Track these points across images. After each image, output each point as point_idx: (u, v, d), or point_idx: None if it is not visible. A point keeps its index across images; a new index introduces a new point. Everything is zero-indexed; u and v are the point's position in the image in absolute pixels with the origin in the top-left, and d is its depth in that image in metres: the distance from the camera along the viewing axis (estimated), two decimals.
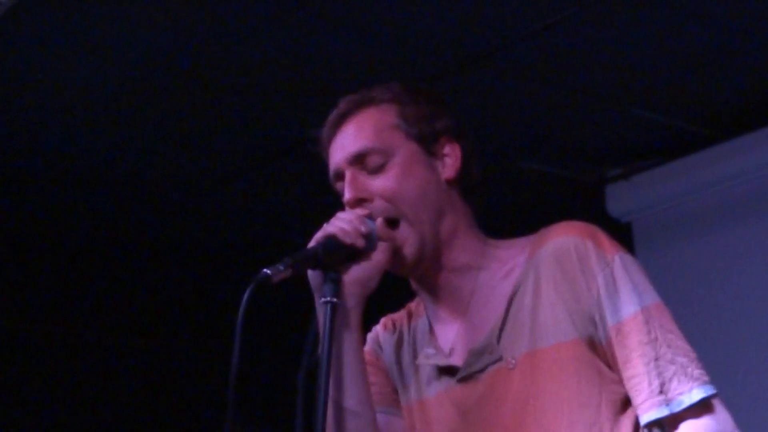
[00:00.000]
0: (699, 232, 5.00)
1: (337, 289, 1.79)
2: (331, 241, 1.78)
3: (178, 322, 6.25)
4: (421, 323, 2.06)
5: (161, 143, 4.95)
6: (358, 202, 1.90)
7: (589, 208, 5.11)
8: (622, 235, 4.96)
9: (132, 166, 5.17)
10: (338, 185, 1.95)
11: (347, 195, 1.90)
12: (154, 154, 5.12)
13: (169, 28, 3.96)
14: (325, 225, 1.83)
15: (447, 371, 1.92)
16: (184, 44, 4.07)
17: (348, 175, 1.91)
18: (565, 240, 1.86)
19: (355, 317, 1.85)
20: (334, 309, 1.76)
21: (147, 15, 3.84)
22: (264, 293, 1.65)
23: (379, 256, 1.84)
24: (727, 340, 4.76)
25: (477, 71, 4.24)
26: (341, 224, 1.82)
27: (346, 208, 1.92)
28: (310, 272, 1.79)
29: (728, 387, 4.82)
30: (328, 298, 1.77)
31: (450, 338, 1.97)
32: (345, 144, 1.95)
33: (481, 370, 1.88)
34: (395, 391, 2.04)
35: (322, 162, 2.12)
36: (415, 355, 2.03)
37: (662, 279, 4.86)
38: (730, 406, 3.70)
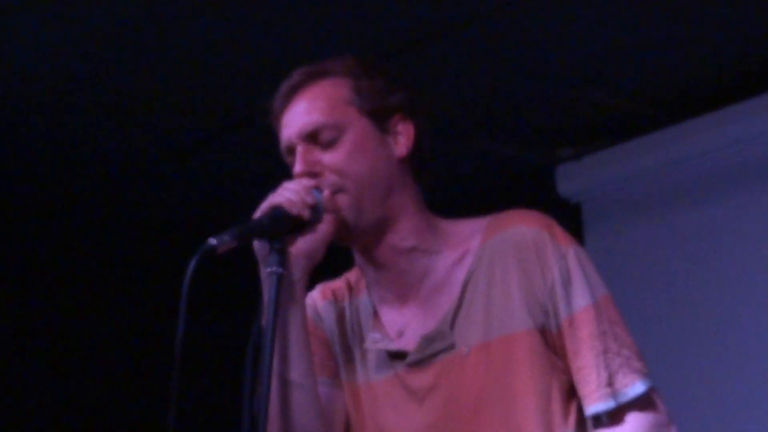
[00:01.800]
0: (648, 214, 5.03)
1: (283, 259, 1.78)
2: (278, 211, 1.77)
3: (132, 291, 6.13)
4: (363, 303, 2.06)
5: (121, 116, 4.87)
6: (309, 176, 1.89)
7: (540, 188, 5.14)
8: (572, 215, 5.01)
9: (92, 137, 5.10)
10: (289, 159, 1.94)
11: (298, 168, 1.89)
12: (115, 125, 5.04)
13: (129, 6, 3.90)
14: (270, 195, 1.82)
15: (396, 356, 1.92)
16: (143, 21, 4.00)
17: (300, 149, 1.90)
18: (523, 230, 1.87)
19: (300, 289, 1.85)
20: (280, 280, 1.76)
21: None
22: (211, 264, 1.64)
23: (325, 227, 1.83)
24: (674, 321, 4.83)
25: (431, 50, 4.22)
26: (288, 194, 1.81)
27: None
28: (255, 243, 1.78)
29: (675, 367, 4.91)
30: (274, 269, 1.75)
31: (398, 322, 1.96)
32: (297, 118, 1.93)
33: (434, 356, 1.88)
34: (336, 363, 2.03)
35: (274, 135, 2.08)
36: (360, 338, 2.02)
37: (610, 260, 4.88)
38: (674, 387, 3.54)
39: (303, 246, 1.81)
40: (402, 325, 1.94)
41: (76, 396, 5.93)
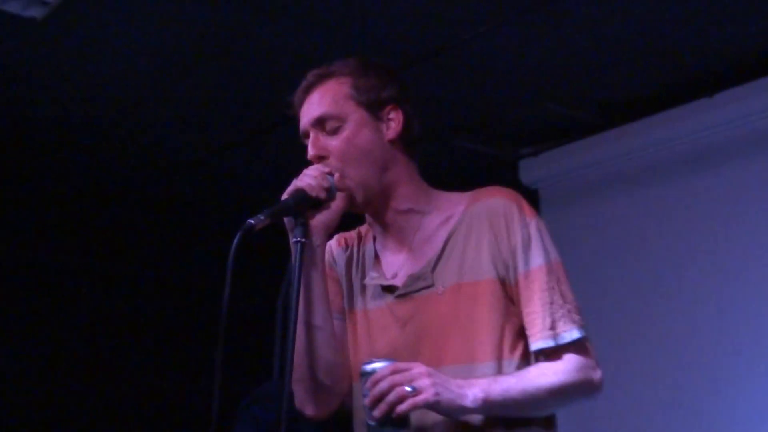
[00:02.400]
0: (591, 198, 5.37)
1: (306, 231, 1.94)
2: (300, 193, 1.93)
3: (184, 263, 6.28)
4: (368, 249, 2.20)
5: (180, 116, 5.09)
6: (318, 158, 2.05)
7: (507, 178, 5.28)
8: (531, 199, 5.29)
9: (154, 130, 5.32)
10: (305, 141, 2.09)
11: (310, 152, 2.07)
12: (174, 122, 5.24)
13: (186, 28, 4.15)
14: (294, 180, 1.97)
15: (388, 290, 2.08)
16: (197, 41, 4.31)
17: (311, 135, 2.07)
18: (497, 201, 2.06)
19: (320, 252, 2.02)
20: (303, 247, 1.92)
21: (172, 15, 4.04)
22: (250, 239, 1.81)
23: (338, 203, 2.00)
24: (615, 289, 5.14)
25: (421, 70, 4.44)
26: (308, 180, 1.96)
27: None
28: (285, 219, 1.93)
29: (611, 329, 4.80)
30: (299, 239, 1.92)
31: (394, 265, 2.12)
32: (309, 110, 2.08)
33: (416, 291, 2.05)
34: (343, 299, 2.20)
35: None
36: (363, 275, 2.17)
37: (561, 234, 5.13)
38: (615, 346, 3.99)
39: (320, 220, 1.98)
40: (396, 268, 2.11)
41: (143, 355, 6.20)
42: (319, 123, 2.03)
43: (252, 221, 1.79)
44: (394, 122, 2.05)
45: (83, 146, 5.60)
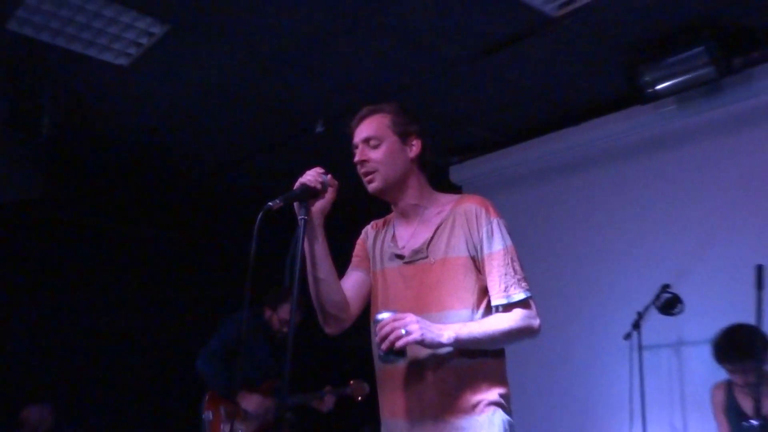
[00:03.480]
0: (502, 194, 5.41)
1: (308, 211, 2.04)
2: (304, 187, 2.05)
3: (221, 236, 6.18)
4: (390, 229, 2.30)
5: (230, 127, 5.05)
6: (362, 162, 2.18)
7: (441, 179, 5.50)
8: (456, 191, 4.90)
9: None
10: (355, 151, 2.21)
11: (357, 157, 2.20)
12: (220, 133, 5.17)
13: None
14: (300, 178, 2.08)
15: (399, 257, 2.20)
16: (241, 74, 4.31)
17: (360, 147, 2.20)
18: (473, 205, 2.17)
19: (319, 228, 2.11)
20: (306, 223, 2.02)
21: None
22: (269, 217, 1.92)
23: (330, 195, 2.11)
24: (529, 275, 4.98)
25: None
26: (309, 177, 2.08)
27: (357, 165, 2.21)
28: (294, 203, 2.04)
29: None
30: (302, 217, 2.02)
31: (404, 240, 2.24)
32: (361, 132, 2.22)
33: (416, 260, 2.17)
34: (369, 261, 2.31)
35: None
36: (383, 246, 2.28)
37: None
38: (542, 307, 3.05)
39: (318, 205, 2.10)
40: (405, 242, 2.22)
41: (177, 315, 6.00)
42: (366, 140, 2.20)
43: (271, 203, 1.92)
44: (415, 147, 2.22)
45: (152, 155, 5.63)
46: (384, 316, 1.97)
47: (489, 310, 2.10)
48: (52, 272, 5.42)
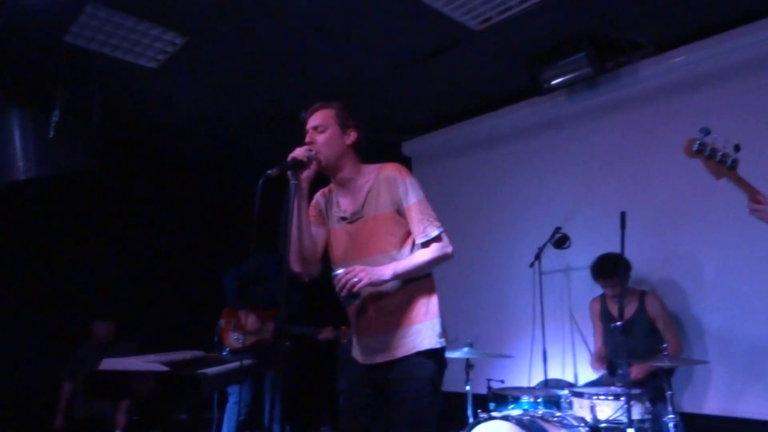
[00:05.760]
0: (438, 163, 5.49)
1: (298, 178, 1.98)
2: (294, 159, 1.99)
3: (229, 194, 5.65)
4: (334, 196, 2.24)
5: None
6: (310, 143, 2.10)
7: (393, 151, 5.65)
8: (408, 162, 5.65)
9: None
10: (306, 135, 2.13)
11: (307, 140, 2.11)
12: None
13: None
14: (291, 153, 2.00)
15: (343, 219, 2.16)
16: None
17: (310, 132, 2.12)
18: (391, 172, 2.13)
19: (305, 190, 2.06)
20: (296, 187, 1.95)
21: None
22: (268, 183, 1.84)
23: (314, 166, 2.06)
24: (456, 206, 5.12)
25: (357, 101, 4.29)
26: (299, 152, 2.02)
27: (306, 143, 2.10)
28: (288, 172, 1.96)
29: (460, 227, 4.57)
30: (293, 182, 1.94)
31: (344, 204, 2.18)
32: (312, 120, 2.14)
33: (355, 220, 2.13)
34: (323, 219, 2.24)
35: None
36: (330, 210, 2.22)
37: (425, 181, 3.96)
38: (461, 236, 3.61)
39: (305, 173, 2.04)
40: (345, 206, 2.18)
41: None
42: (315, 128, 2.13)
43: (269, 171, 1.85)
44: (351, 137, 2.16)
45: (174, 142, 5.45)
46: (339, 271, 1.95)
47: (413, 248, 2.08)
48: (103, 225, 5.33)
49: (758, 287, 3.63)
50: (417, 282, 2.06)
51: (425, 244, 2.05)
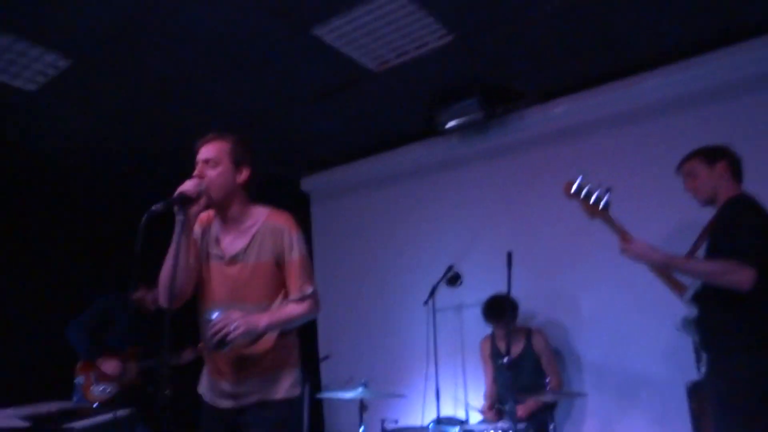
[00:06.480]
0: (335, 201, 5.44)
1: (185, 213, 1.97)
2: (183, 195, 1.98)
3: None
4: (214, 229, 2.18)
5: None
6: (200, 176, 2.08)
7: (292, 186, 5.56)
8: (305, 198, 5.58)
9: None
10: (197, 165, 2.10)
11: (196, 172, 2.09)
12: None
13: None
14: (180, 186, 1.97)
15: (221, 258, 2.13)
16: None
17: (200, 164, 2.10)
18: (280, 223, 2.13)
19: (191, 227, 2.05)
20: (183, 223, 1.96)
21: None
22: (155, 220, 1.81)
23: (203, 202, 2.05)
24: (357, 258, 5.07)
25: (257, 133, 4.28)
26: (188, 186, 1.98)
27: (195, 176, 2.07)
28: (174, 207, 1.97)
29: (346, 278, 4.88)
30: (180, 218, 1.96)
31: (225, 243, 2.14)
32: (203, 153, 2.12)
33: (234, 263, 2.11)
34: (199, 252, 2.17)
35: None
36: (209, 245, 2.16)
37: (321, 216, 5.38)
38: (344, 288, 4.23)
39: (194, 209, 2.02)
40: (226, 245, 2.14)
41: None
42: (206, 160, 2.11)
43: (155, 207, 1.81)
44: (243, 175, 2.13)
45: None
46: (215, 316, 1.95)
47: (282, 299, 2.10)
48: None
49: (630, 324, 3.81)
50: (285, 334, 2.09)
51: (299, 300, 2.07)
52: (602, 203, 2.34)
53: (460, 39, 3.43)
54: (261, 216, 2.11)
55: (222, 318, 1.92)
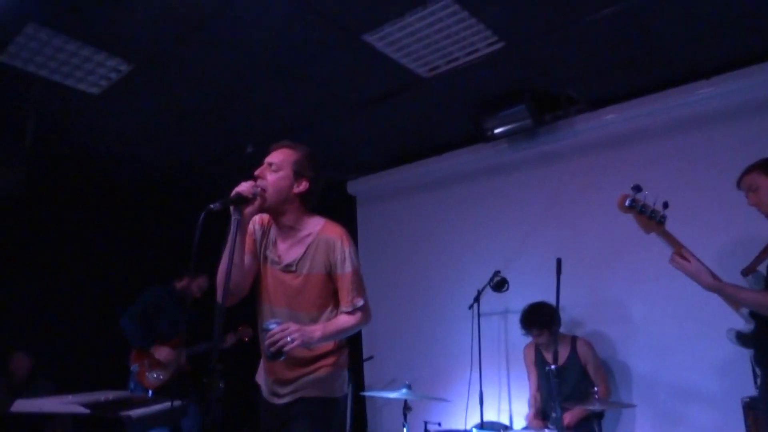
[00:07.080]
0: (384, 204, 5.48)
1: (240, 213, 1.96)
2: (239, 195, 1.97)
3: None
4: (271, 232, 2.18)
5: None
6: (259, 176, 2.09)
7: (340, 190, 5.64)
8: (352, 201, 5.65)
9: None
10: (263, 165, 2.11)
11: (257, 172, 2.09)
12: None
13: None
14: (236, 187, 1.97)
15: (277, 263, 2.15)
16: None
17: (264, 166, 2.11)
18: (333, 236, 2.12)
19: (245, 226, 2.07)
20: (238, 222, 1.94)
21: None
22: (211, 217, 1.81)
23: (257, 203, 2.02)
24: (398, 249, 5.18)
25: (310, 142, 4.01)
26: (243, 187, 1.98)
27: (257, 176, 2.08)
28: (231, 207, 1.96)
29: (394, 279, 4.95)
30: (236, 217, 1.94)
31: (281, 251, 2.15)
32: (271, 156, 2.12)
33: (289, 272, 2.13)
34: (258, 249, 2.19)
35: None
36: (267, 248, 2.17)
37: (367, 220, 5.44)
38: (395, 300, 4.27)
39: (248, 210, 2.00)
40: (281, 253, 2.15)
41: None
42: (270, 164, 2.12)
43: (212, 205, 1.80)
44: (301, 186, 2.12)
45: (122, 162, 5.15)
46: (273, 326, 1.96)
47: (337, 309, 2.13)
48: (28, 252, 5.05)
49: (680, 334, 3.73)
50: (340, 346, 2.15)
51: (351, 312, 2.09)
52: (658, 217, 2.25)
53: (510, 46, 3.45)
54: (316, 227, 2.12)
55: (279, 330, 1.94)
